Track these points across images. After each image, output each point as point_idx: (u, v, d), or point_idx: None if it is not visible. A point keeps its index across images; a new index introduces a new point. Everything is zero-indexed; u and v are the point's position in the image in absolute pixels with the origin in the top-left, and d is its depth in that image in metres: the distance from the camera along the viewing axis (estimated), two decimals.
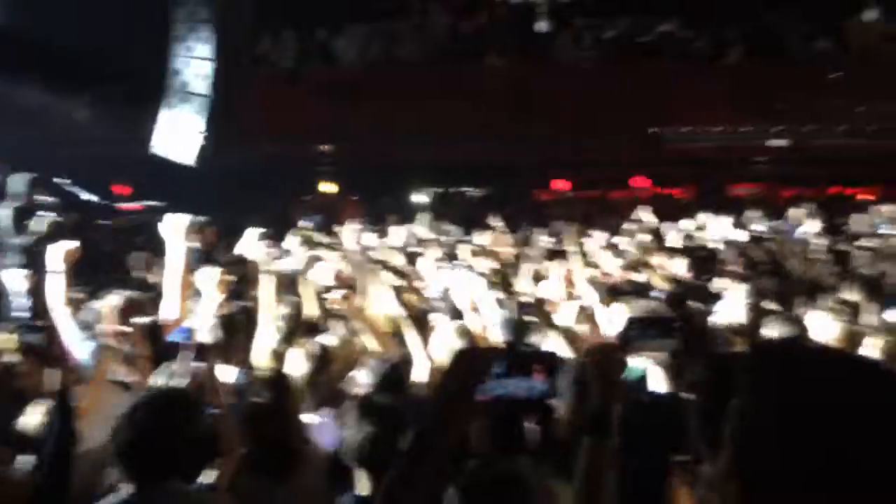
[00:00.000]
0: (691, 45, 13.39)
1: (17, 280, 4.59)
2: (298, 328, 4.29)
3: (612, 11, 13.11)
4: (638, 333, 2.34)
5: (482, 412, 1.88)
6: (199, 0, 11.36)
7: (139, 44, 10.64)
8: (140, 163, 11.03)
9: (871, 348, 3.66)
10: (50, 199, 7.90)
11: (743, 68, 12.95)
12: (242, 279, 5.21)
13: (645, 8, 13.22)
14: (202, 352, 3.11)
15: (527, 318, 4.29)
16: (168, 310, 3.99)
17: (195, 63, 11.43)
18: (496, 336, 4.24)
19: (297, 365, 3.62)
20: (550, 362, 1.88)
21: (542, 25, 9.84)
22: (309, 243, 6.64)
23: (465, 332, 3.94)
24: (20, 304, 4.50)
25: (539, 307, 3.99)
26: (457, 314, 4.55)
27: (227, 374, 3.58)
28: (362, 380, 3.60)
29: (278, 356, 3.80)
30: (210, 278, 4.32)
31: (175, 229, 4.07)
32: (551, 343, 3.78)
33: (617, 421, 1.92)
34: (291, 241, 6.89)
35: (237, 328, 3.93)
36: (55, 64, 9.51)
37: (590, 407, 2.03)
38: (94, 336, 3.69)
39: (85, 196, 8.94)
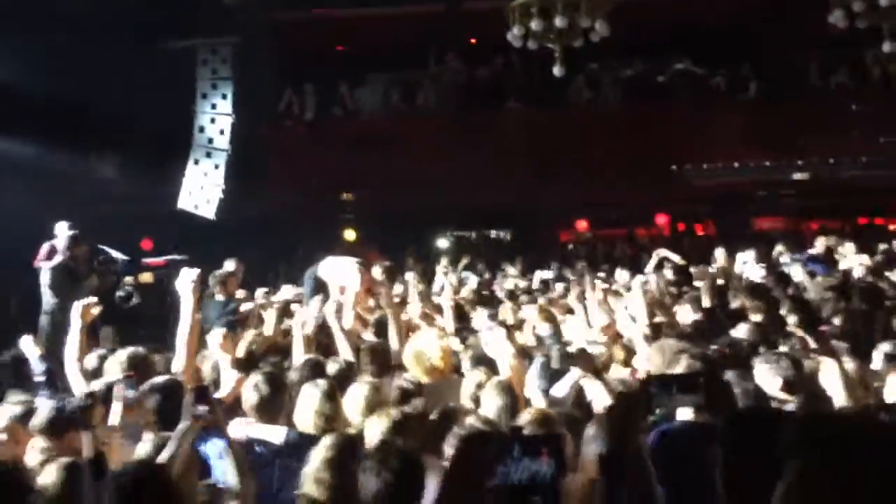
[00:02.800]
0: (708, 83, 13.42)
1: (29, 345, 4.66)
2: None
3: (628, 53, 13.21)
4: (659, 391, 2.33)
5: (491, 499, 1.87)
6: (222, 58, 11.66)
7: (165, 103, 10.92)
8: (163, 218, 11.24)
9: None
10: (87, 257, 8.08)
11: (762, 103, 12.95)
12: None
13: (660, 48, 13.31)
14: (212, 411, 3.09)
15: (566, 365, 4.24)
16: (178, 365, 4.01)
17: (218, 119, 11.72)
18: (533, 389, 4.21)
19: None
20: (557, 445, 1.87)
21: (557, 70, 9.88)
22: None
23: (505, 388, 3.89)
24: (36, 368, 4.56)
25: (582, 356, 3.94)
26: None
27: (272, 433, 3.55)
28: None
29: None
30: (215, 338, 4.35)
31: (184, 284, 4.08)
32: (591, 390, 3.77)
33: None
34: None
35: (282, 385, 3.82)
36: (82, 124, 9.76)
37: (606, 451, 2.03)
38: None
39: (115, 254, 9.07)
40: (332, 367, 4.32)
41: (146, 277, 9.08)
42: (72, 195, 10.10)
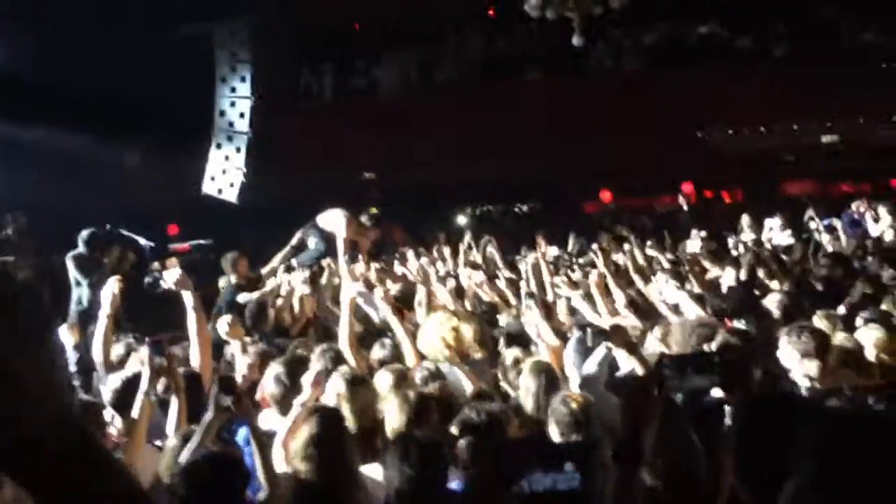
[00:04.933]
0: (733, 45, 13.11)
1: (64, 334, 4.70)
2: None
3: (649, 19, 12.95)
4: (673, 372, 2.28)
5: None
6: (240, 40, 11.63)
7: (185, 88, 10.95)
8: (188, 203, 11.31)
9: None
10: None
11: (789, 64, 12.63)
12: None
13: (682, 12, 13.02)
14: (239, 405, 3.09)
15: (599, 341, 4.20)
16: (194, 357, 4.02)
17: (238, 102, 11.73)
18: (570, 367, 4.19)
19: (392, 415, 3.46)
20: (583, 455, 1.84)
21: (576, 40, 9.73)
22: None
23: (542, 368, 3.87)
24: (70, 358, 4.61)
25: (617, 332, 3.90)
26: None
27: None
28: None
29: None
30: (222, 325, 4.33)
31: (171, 283, 4.08)
32: (624, 365, 3.74)
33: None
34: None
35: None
36: (104, 113, 9.82)
37: (622, 436, 2.01)
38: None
39: (141, 240, 9.16)
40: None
41: (172, 263, 9.16)
42: (96, 183, 10.19)
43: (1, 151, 9.54)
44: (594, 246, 9.57)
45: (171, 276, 4.10)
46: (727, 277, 6.05)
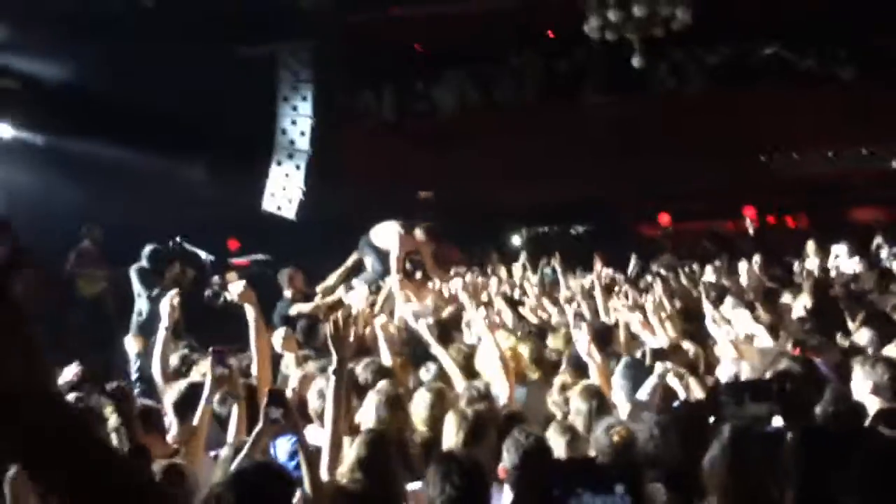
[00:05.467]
0: (798, 67, 12.82)
1: (129, 343, 4.83)
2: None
3: (711, 40, 12.76)
4: (730, 399, 2.22)
5: None
6: (301, 61, 11.88)
7: (248, 107, 11.21)
8: (248, 219, 11.54)
9: None
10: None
11: (857, 86, 12.28)
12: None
13: (746, 33, 12.80)
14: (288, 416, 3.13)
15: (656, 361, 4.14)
16: (254, 368, 4.09)
17: (299, 121, 11.96)
18: (617, 392, 4.14)
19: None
20: (635, 477, 1.80)
21: (637, 61, 9.66)
22: None
23: (591, 392, 3.83)
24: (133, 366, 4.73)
25: (674, 352, 3.83)
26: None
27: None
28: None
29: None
30: (276, 338, 4.38)
31: (234, 295, 4.15)
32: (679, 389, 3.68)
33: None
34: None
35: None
36: (169, 130, 10.12)
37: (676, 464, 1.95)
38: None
39: (203, 254, 9.39)
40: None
41: (232, 277, 9.36)
42: (160, 198, 10.49)
43: (76, 166, 9.90)
44: (653, 269, 9.44)
45: (235, 288, 4.19)
46: (798, 305, 5.87)
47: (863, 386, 3.40)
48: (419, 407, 3.74)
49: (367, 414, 3.65)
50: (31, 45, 9.84)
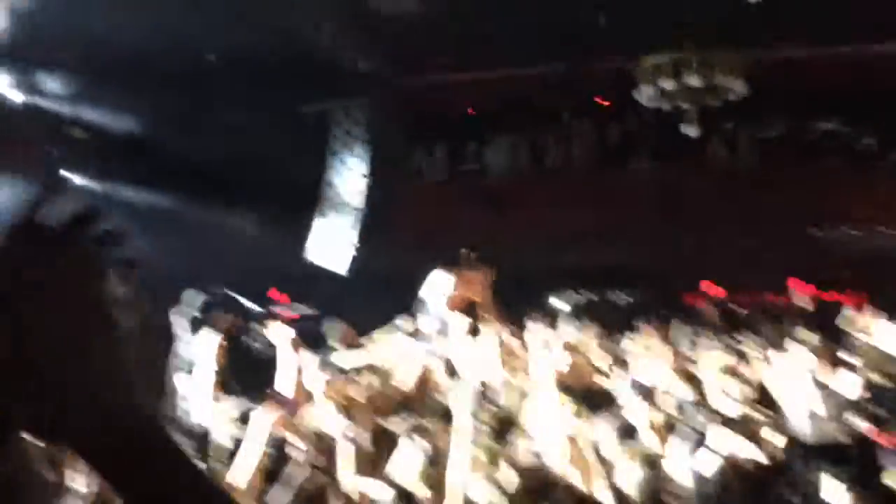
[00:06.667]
0: (854, 143, 12.68)
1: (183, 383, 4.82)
2: None
3: (767, 112, 12.71)
4: (799, 462, 2.10)
5: None
6: (355, 120, 12.13)
7: (301, 162, 11.42)
8: (296, 271, 11.63)
9: None
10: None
11: None
12: None
13: (801, 107, 12.74)
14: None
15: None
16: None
17: (348, 175, 12.13)
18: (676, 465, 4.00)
19: None
20: None
21: (692, 130, 9.65)
22: None
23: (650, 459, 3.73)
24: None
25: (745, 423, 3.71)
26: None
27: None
28: None
29: None
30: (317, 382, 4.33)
31: (279, 341, 4.13)
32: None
33: None
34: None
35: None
36: (216, 177, 10.33)
37: None
38: None
39: (245, 302, 9.44)
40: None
41: (277, 326, 9.37)
42: (210, 247, 10.64)
43: (132, 213, 10.12)
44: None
45: (284, 332, 4.17)
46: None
47: None
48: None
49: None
50: (100, 98, 10.20)
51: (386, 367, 6.01)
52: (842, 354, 7.62)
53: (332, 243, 11.91)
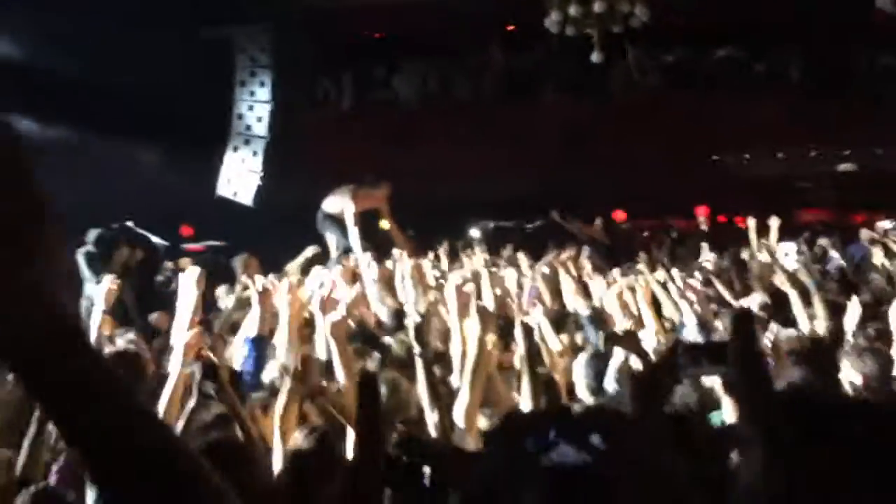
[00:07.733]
0: (750, 70, 13.12)
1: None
2: None
3: (667, 40, 12.98)
4: (686, 360, 2.25)
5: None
6: (260, 46, 11.73)
7: (204, 91, 11.01)
8: (203, 204, 11.35)
9: None
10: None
11: (806, 91, 12.60)
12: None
13: (700, 35, 13.05)
14: None
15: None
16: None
17: (256, 106, 11.80)
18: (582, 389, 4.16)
19: None
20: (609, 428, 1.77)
21: (596, 56, 9.78)
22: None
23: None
24: None
25: (627, 336, 3.85)
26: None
27: None
28: None
29: None
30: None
31: (188, 280, 4.05)
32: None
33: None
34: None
35: None
36: (123, 112, 9.89)
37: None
38: None
39: (154, 239, 9.20)
40: None
41: (185, 263, 9.20)
42: (113, 182, 10.25)
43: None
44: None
45: (192, 273, 4.11)
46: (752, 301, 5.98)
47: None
48: None
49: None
50: None
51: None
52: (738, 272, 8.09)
53: (240, 175, 11.66)
